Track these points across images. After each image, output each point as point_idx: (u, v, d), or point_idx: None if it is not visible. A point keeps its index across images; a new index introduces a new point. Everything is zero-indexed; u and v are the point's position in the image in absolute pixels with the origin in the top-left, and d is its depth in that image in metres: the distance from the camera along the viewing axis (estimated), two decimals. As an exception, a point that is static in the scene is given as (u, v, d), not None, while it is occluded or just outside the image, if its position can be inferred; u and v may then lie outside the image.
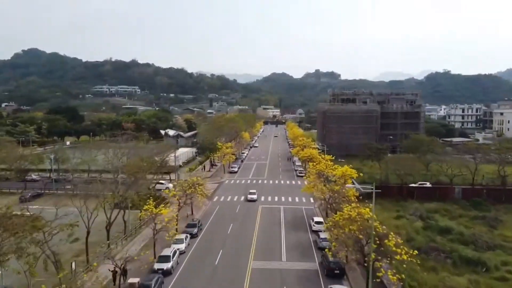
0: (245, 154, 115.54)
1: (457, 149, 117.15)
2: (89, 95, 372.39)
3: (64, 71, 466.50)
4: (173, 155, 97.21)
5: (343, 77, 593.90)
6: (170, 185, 72.68)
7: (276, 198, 65.61)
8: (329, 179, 55.15)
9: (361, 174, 55.20)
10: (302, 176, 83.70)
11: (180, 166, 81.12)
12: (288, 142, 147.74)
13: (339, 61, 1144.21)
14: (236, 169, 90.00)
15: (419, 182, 73.63)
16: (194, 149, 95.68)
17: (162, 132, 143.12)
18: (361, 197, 51.59)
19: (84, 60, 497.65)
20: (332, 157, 59.18)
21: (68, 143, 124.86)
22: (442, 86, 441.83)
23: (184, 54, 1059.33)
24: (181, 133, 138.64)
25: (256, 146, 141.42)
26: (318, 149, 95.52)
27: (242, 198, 65.90)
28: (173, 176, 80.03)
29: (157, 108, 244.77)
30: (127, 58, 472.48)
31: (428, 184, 73.29)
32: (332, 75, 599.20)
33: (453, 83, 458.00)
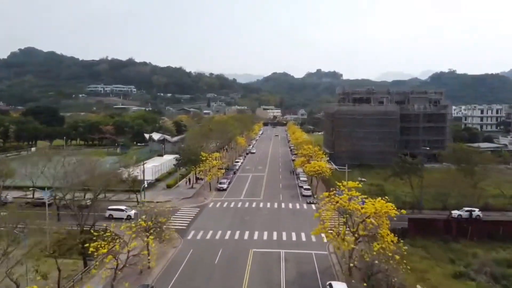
0: (239, 163, 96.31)
1: (486, 157, 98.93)
2: (83, 95, 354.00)
3: (60, 70, 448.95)
4: (147, 166, 78.26)
5: (344, 77, 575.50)
6: (132, 212, 53.62)
7: (274, 235, 46.37)
8: (353, 216, 35.84)
9: (403, 212, 35.81)
10: (308, 197, 64.69)
11: (143, 185, 61.71)
12: (290, 148, 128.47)
13: (340, 61, 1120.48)
14: (225, 186, 70.69)
15: (465, 209, 54.47)
16: (175, 159, 76.19)
17: (147, 135, 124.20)
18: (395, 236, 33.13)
19: (82, 59, 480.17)
20: (358, 183, 39.49)
21: (33, 149, 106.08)
22: (448, 86, 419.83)
23: (183, 54, 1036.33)
24: (168, 137, 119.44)
25: (253, 152, 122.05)
26: (328, 160, 76.47)
27: (228, 234, 46.76)
28: (146, 196, 61.07)
29: (148, 109, 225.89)
30: (125, 57, 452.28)
31: (477, 212, 54.07)
32: (334, 75, 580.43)
33: (459, 83, 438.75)
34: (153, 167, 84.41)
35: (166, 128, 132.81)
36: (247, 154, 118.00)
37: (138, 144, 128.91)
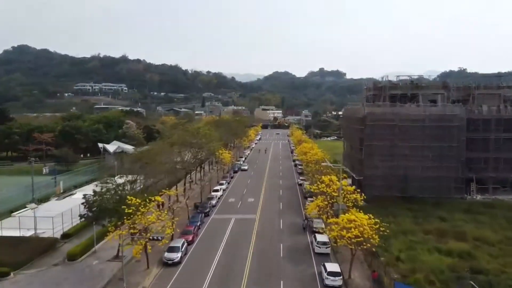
0: (220, 193, 62.76)
1: None
2: (69, 94, 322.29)
3: (50, 68, 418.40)
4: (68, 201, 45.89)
5: (348, 76, 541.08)
6: None
7: None
8: None
9: None
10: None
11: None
12: (294, 163, 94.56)
13: (343, 60, 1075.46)
14: (177, 256, 36.82)
15: None
16: (84, 206, 41.45)
17: (101, 146, 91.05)
18: None
19: (73, 56, 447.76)
20: None
21: None
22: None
23: (183, 53, 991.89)
24: (128, 148, 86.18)
25: (244, 169, 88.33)
26: (355, 190, 42.54)
27: None
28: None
29: (125, 109, 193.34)
30: (120, 54, 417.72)
31: None
32: (337, 74, 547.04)
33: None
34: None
35: (130, 136, 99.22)
36: (235, 172, 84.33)
37: (96, 157, 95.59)
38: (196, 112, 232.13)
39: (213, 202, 56.86)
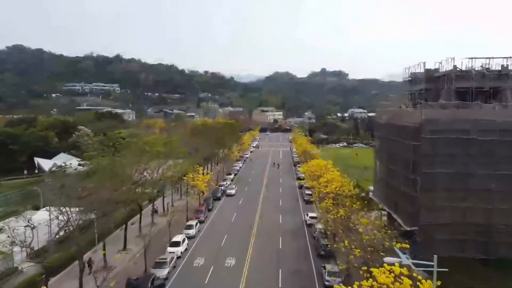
0: (182, 247, 38.24)
1: None
2: (57, 94, 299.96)
3: (43, 67, 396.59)
4: None
5: (350, 77, 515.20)
6: None
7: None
8: None
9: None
10: None
11: None
12: (298, 182, 69.78)
13: (344, 60, 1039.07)
14: None
15: None
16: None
17: (36, 161, 66.78)
18: None
19: (67, 55, 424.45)
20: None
21: None
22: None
23: (183, 54, 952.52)
24: (69, 165, 61.51)
25: (230, 194, 63.69)
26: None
27: None
28: None
29: (104, 110, 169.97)
30: (116, 54, 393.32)
31: None
32: (340, 74, 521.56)
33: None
34: None
35: (83, 144, 74.49)
36: (217, 199, 59.58)
37: (37, 175, 70.87)
38: (189, 114, 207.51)
39: (163, 273, 32.26)
